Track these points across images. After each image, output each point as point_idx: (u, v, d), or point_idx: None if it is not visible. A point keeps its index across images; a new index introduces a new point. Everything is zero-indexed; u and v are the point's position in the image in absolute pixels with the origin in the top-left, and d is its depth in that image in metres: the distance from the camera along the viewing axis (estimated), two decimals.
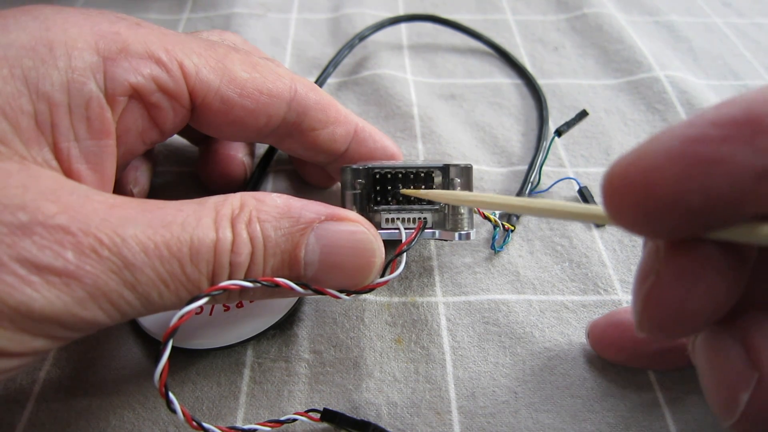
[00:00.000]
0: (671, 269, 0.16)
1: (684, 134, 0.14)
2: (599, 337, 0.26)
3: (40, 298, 0.17)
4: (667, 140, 0.14)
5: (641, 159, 0.15)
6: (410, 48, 0.47)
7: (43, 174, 0.19)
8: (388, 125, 0.39)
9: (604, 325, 0.26)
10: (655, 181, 0.14)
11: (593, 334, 0.26)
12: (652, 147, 0.15)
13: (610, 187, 0.15)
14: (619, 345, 0.25)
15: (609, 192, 0.15)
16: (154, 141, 0.25)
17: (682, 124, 0.14)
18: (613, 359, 0.26)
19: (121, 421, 0.23)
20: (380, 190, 0.27)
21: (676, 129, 0.14)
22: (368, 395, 0.25)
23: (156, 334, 0.26)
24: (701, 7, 0.54)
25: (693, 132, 0.14)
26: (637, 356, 0.25)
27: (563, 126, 0.36)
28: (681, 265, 0.16)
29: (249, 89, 0.25)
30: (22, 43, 0.20)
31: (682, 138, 0.14)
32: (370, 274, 0.22)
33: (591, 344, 0.26)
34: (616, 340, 0.25)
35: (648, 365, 0.25)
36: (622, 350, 0.25)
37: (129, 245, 0.18)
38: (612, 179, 0.15)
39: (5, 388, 0.24)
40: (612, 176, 0.15)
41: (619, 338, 0.25)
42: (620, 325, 0.25)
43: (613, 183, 0.15)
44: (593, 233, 0.32)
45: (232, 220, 0.20)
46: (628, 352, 0.25)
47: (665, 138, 0.14)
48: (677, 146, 0.14)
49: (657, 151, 0.14)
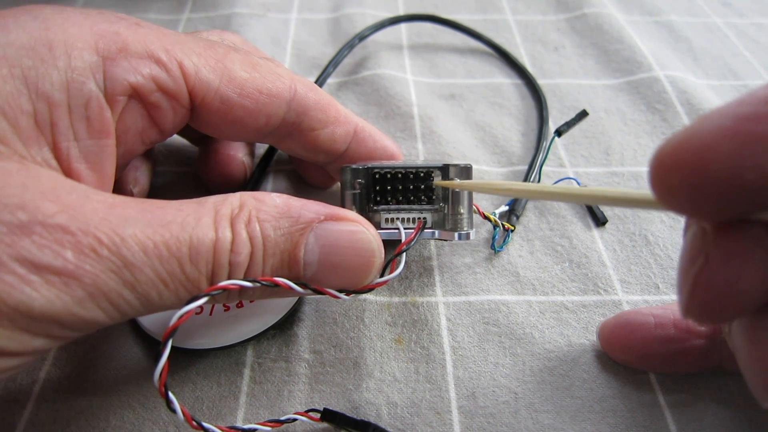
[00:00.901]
0: (721, 251, 0.16)
1: (736, 112, 0.14)
2: (608, 338, 0.26)
3: (40, 298, 0.17)
4: (718, 119, 0.14)
5: (693, 137, 0.14)
6: (410, 48, 0.47)
7: (43, 173, 0.19)
8: (388, 125, 0.39)
9: (613, 326, 0.26)
10: (709, 159, 0.14)
11: (603, 334, 0.26)
12: (704, 126, 0.14)
13: (661, 167, 0.15)
14: (628, 346, 0.25)
15: (659, 172, 0.15)
16: (154, 141, 0.25)
17: (732, 102, 0.14)
18: (622, 360, 0.26)
19: (121, 421, 0.23)
20: (380, 190, 0.27)
21: (728, 108, 0.14)
22: (368, 395, 0.25)
23: (156, 333, 0.26)
24: (701, 7, 0.54)
25: (745, 110, 0.14)
26: (645, 358, 0.25)
27: (563, 126, 0.36)
28: (731, 246, 0.16)
29: (248, 89, 0.25)
30: (21, 43, 0.20)
31: (735, 116, 0.14)
32: (370, 274, 0.22)
33: (601, 344, 0.26)
34: (624, 340, 0.25)
35: (656, 368, 0.25)
36: (631, 351, 0.25)
37: (128, 245, 0.18)
38: (662, 158, 0.15)
39: (5, 388, 0.24)
40: (662, 155, 0.15)
41: (627, 339, 0.25)
42: (629, 326, 0.25)
43: (664, 162, 0.15)
44: (593, 233, 0.32)
45: (231, 219, 0.20)
46: (636, 353, 0.25)
47: (716, 117, 0.14)
48: (730, 124, 0.14)
49: (709, 129, 0.14)
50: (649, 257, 0.31)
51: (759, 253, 0.16)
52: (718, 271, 0.16)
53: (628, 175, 0.36)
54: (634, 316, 0.25)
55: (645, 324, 0.25)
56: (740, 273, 0.16)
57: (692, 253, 0.17)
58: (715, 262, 0.16)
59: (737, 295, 0.16)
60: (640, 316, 0.25)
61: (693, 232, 0.17)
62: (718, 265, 0.16)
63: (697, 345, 0.24)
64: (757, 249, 0.16)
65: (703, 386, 0.25)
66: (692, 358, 0.24)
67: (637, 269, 0.30)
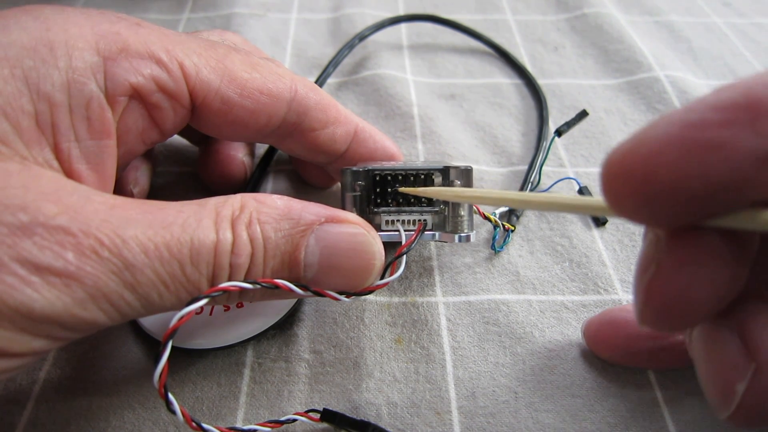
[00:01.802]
0: (673, 258, 0.16)
1: (683, 119, 0.14)
2: (593, 336, 0.26)
3: (41, 299, 0.17)
4: (665, 126, 0.14)
5: (640, 145, 0.14)
6: (410, 48, 0.47)
7: (44, 174, 0.19)
8: (388, 125, 0.39)
9: (598, 324, 0.26)
10: (655, 166, 0.14)
11: (588, 332, 0.26)
12: (651, 133, 0.14)
13: (609, 175, 0.15)
14: (613, 343, 0.25)
15: (608, 179, 0.15)
16: (155, 141, 0.25)
17: (680, 109, 0.14)
18: (608, 358, 0.26)
19: (121, 421, 0.23)
20: (380, 192, 0.27)
21: (675, 115, 0.14)
22: (368, 395, 0.25)
23: (156, 334, 0.26)
24: (701, 7, 0.54)
25: (692, 117, 0.14)
26: (631, 354, 0.25)
27: (563, 126, 0.36)
28: (682, 254, 0.16)
29: (249, 89, 0.25)
30: (22, 43, 0.20)
31: (682, 123, 0.14)
32: (370, 276, 0.22)
33: (586, 342, 0.26)
34: (609, 338, 0.25)
35: (642, 364, 0.25)
36: (616, 348, 0.25)
37: (129, 246, 0.18)
38: (611, 166, 0.15)
39: (5, 388, 0.24)
40: (611, 163, 0.15)
41: (612, 336, 0.25)
42: (614, 323, 0.25)
43: (612, 170, 0.15)
44: (593, 233, 0.32)
45: (232, 221, 0.20)
46: (621, 350, 0.25)
47: (664, 124, 0.14)
48: (677, 131, 0.14)
49: (656, 137, 0.14)
50: None
51: (712, 261, 0.15)
52: (670, 279, 0.16)
53: None
54: (618, 313, 0.25)
55: (630, 321, 0.25)
56: (692, 281, 0.15)
57: (646, 260, 0.17)
58: (667, 270, 0.16)
59: (690, 302, 0.16)
60: (624, 313, 0.25)
61: (648, 239, 0.17)
62: (670, 273, 0.16)
63: (681, 340, 0.24)
64: (710, 257, 0.15)
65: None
66: (677, 353, 0.24)
67: None
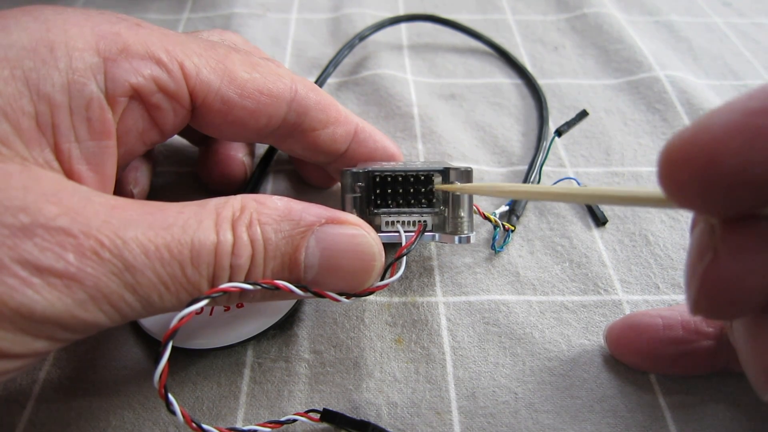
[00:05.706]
0: (729, 246, 0.16)
1: (746, 107, 0.14)
2: (615, 340, 0.26)
3: (41, 300, 0.17)
4: (728, 113, 0.14)
5: (703, 132, 0.14)
6: (410, 48, 0.47)
7: (45, 175, 0.19)
8: (388, 125, 0.39)
9: (621, 328, 0.26)
10: (718, 153, 0.14)
11: (610, 337, 0.26)
12: (713, 120, 0.14)
13: (670, 162, 0.15)
14: (636, 348, 0.25)
15: (668, 167, 0.15)
16: (155, 141, 0.25)
17: (742, 97, 0.14)
18: (630, 362, 0.26)
19: (122, 421, 0.23)
20: (380, 193, 0.27)
21: (737, 102, 0.14)
22: (368, 395, 0.25)
23: (156, 334, 0.26)
24: (701, 7, 0.54)
25: (755, 104, 0.14)
26: (654, 360, 0.25)
27: (563, 126, 0.36)
28: (739, 241, 0.16)
29: (249, 90, 0.25)
30: (23, 44, 0.20)
31: (744, 111, 0.14)
32: (370, 277, 0.22)
33: (608, 347, 0.26)
34: (632, 343, 0.25)
35: (665, 369, 0.25)
36: (639, 353, 0.25)
37: (130, 247, 0.18)
38: (671, 153, 0.15)
39: (5, 388, 0.24)
40: (671, 150, 0.15)
41: (635, 341, 0.25)
42: (636, 328, 0.25)
43: (673, 158, 0.15)
44: (593, 233, 0.32)
45: (232, 222, 0.20)
46: (644, 355, 0.25)
47: (726, 111, 0.14)
48: (739, 119, 0.14)
49: (719, 124, 0.14)
50: (649, 257, 0.31)
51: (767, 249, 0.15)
52: (727, 266, 0.16)
53: (629, 175, 0.36)
54: (641, 318, 0.25)
55: (653, 326, 0.25)
56: (749, 268, 0.16)
57: (700, 248, 0.17)
58: (724, 258, 0.16)
59: (747, 290, 0.16)
60: (647, 318, 0.25)
61: (701, 228, 0.17)
62: (727, 260, 0.16)
63: (705, 346, 0.24)
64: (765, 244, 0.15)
65: (702, 387, 0.25)
66: (700, 359, 0.24)
67: (637, 269, 0.30)
